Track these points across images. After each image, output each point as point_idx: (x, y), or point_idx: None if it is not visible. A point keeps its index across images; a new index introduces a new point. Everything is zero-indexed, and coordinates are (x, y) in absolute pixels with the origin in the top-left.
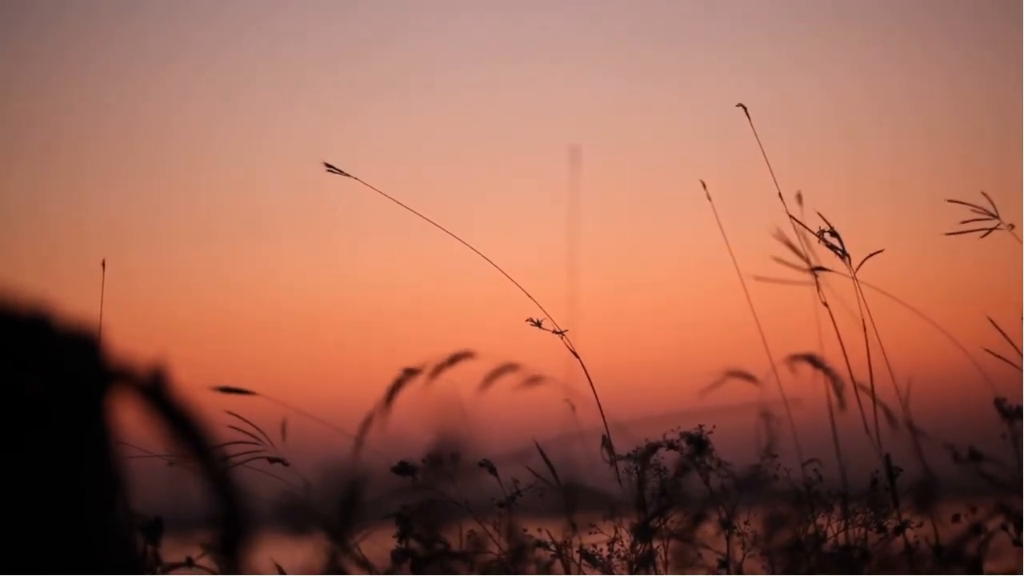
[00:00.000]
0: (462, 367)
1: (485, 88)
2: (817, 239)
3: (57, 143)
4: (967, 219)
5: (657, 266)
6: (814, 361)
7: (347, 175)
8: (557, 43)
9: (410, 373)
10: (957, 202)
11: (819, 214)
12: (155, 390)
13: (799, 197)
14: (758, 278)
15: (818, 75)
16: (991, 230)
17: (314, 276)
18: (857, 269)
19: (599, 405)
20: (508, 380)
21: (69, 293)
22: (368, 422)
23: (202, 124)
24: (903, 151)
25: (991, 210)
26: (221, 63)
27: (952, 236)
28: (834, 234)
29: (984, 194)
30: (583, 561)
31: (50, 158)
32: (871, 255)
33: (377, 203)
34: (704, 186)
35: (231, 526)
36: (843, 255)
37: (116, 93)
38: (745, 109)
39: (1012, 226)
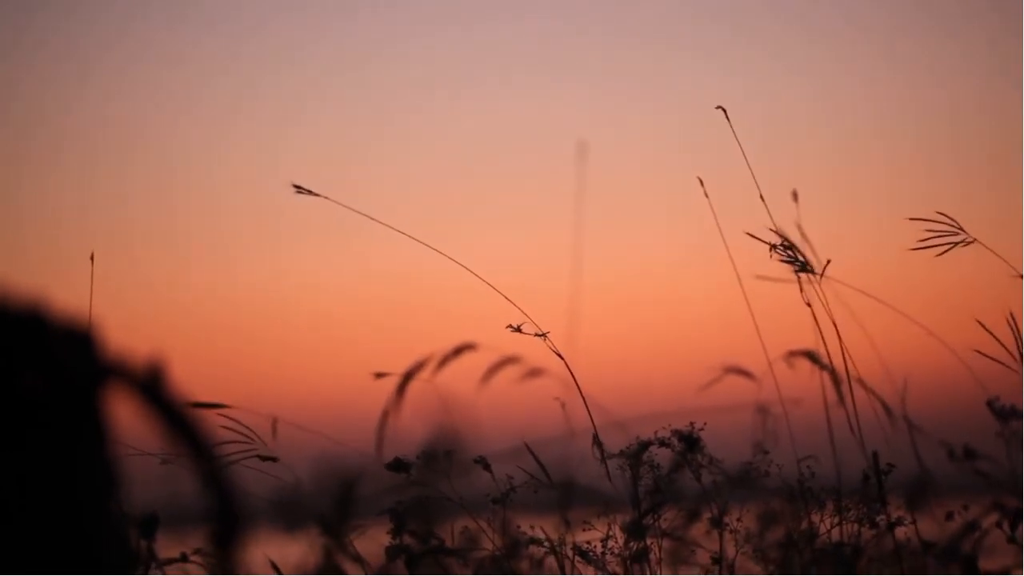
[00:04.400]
0: (461, 364)
1: (484, 89)
2: (770, 253)
3: (49, 140)
4: (930, 233)
5: (655, 262)
6: (812, 357)
7: (315, 195)
8: (558, 44)
9: (417, 367)
10: (918, 219)
11: (772, 229)
12: (151, 386)
13: (795, 195)
14: (759, 277)
15: (812, 76)
16: (954, 245)
17: (306, 273)
18: (822, 274)
19: (585, 403)
20: (508, 373)
21: (58, 287)
22: (384, 419)
23: (195, 122)
24: (896, 151)
25: (954, 225)
26: (218, 63)
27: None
28: (788, 246)
29: (941, 213)
30: (577, 558)
31: (41, 154)
32: (827, 264)
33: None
34: (701, 183)
35: (226, 522)
36: (802, 266)
37: (103, 89)
38: (724, 111)
39: (974, 240)
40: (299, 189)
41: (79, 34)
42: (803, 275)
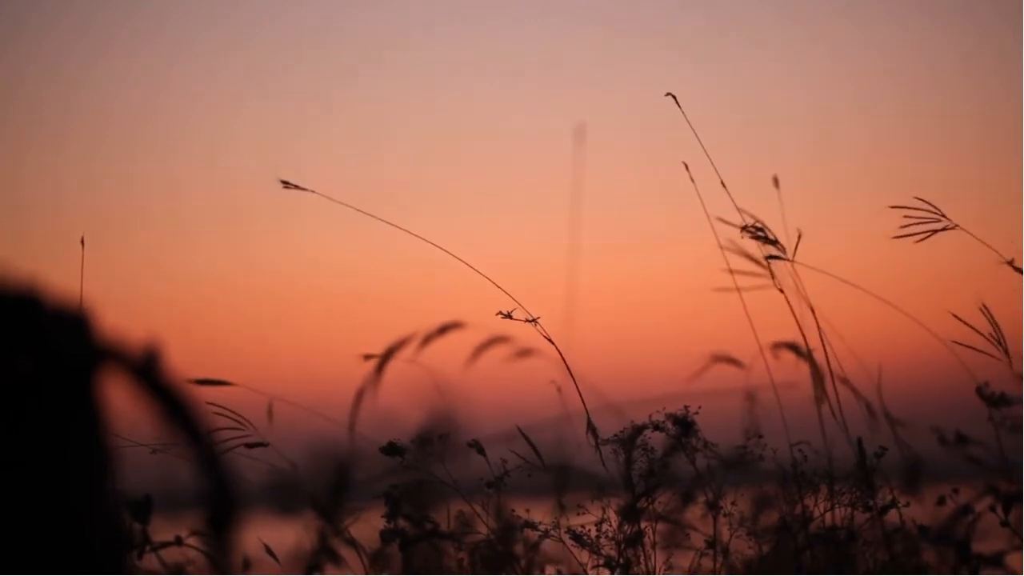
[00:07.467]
0: (452, 346)
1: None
2: (743, 235)
3: (47, 122)
4: (911, 221)
5: (646, 249)
6: (795, 350)
7: (303, 189)
8: (551, 40)
9: (399, 345)
10: (898, 207)
11: (740, 209)
12: (146, 370)
13: (775, 181)
14: (717, 289)
15: (796, 62)
16: (936, 231)
17: (297, 259)
18: (793, 254)
19: (577, 388)
20: (498, 353)
21: (54, 271)
22: (359, 396)
23: (188, 107)
24: (880, 140)
25: (935, 212)
26: (219, 49)
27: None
28: (760, 230)
29: (919, 199)
30: (571, 541)
31: (42, 140)
32: (798, 240)
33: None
34: (686, 167)
35: (221, 506)
36: (774, 243)
37: (99, 74)
38: (674, 98)
39: (956, 226)
40: (286, 184)
41: (78, 23)
42: (775, 263)
